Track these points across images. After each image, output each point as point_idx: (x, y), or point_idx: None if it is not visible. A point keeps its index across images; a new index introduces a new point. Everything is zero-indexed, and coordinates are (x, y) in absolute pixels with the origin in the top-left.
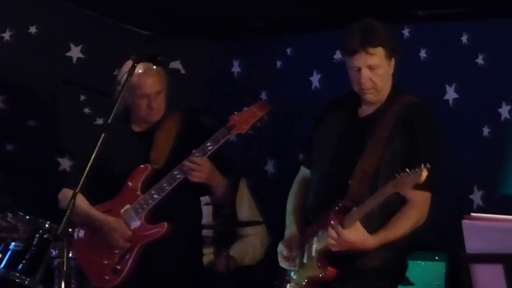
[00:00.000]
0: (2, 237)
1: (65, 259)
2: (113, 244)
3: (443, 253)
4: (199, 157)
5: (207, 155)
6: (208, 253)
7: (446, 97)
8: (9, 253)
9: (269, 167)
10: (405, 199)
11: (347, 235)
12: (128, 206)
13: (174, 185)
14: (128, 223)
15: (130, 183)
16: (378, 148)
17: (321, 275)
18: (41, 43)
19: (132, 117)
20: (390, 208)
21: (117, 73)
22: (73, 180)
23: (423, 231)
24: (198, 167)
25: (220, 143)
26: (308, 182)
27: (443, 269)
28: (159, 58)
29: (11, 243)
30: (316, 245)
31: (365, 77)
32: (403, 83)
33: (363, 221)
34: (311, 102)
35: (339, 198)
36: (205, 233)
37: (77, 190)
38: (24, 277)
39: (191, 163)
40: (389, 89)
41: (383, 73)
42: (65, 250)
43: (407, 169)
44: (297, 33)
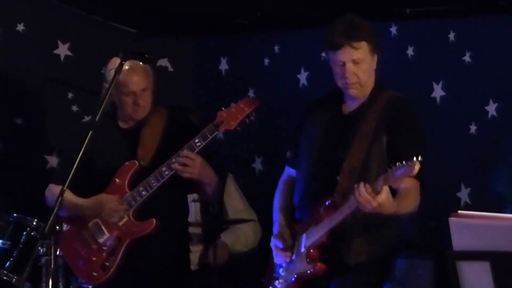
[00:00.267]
0: None
1: (53, 257)
2: (109, 217)
3: (430, 251)
4: (191, 152)
5: (195, 151)
6: (195, 251)
7: (433, 95)
8: None
9: (257, 165)
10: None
11: (380, 196)
12: None
13: (162, 181)
14: (116, 220)
15: (117, 180)
16: (364, 143)
17: (310, 271)
18: (28, 41)
19: (118, 114)
20: None
21: (104, 70)
22: (60, 177)
23: (410, 229)
24: (190, 161)
25: (208, 139)
26: (293, 181)
27: (430, 267)
28: (147, 55)
29: None
30: (305, 241)
31: (350, 72)
32: (391, 81)
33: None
34: (298, 99)
35: (327, 195)
36: (192, 230)
37: (65, 187)
38: (11, 275)
39: (183, 157)
40: (372, 84)
41: (367, 68)
42: (53, 247)
43: (400, 163)
44: (285, 31)
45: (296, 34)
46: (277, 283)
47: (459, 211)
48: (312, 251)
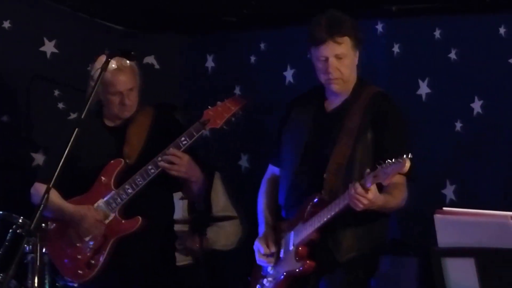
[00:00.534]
0: None
1: (38, 255)
2: (86, 233)
3: (415, 247)
4: (177, 150)
5: (181, 149)
6: (182, 248)
7: (419, 92)
8: None
9: (243, 162)
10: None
11: (370, 194)
12: (101, 200)
13: (147, 179)
14: (101, 218)
15: (103, 178)
16: (349, 140)
17: (300, 269)
18: (14, 38)
19: (104, 112)
20: None
21: (90, 68)
22: (46, 175)
23: (395, 226)
24: (177, 159)
25: (194, 137)
26: (277, 179)
27: (415, 263)
28: (133, 53)
29: None
30: (293, 239)
31: (333, 67)
32: (377, 78)
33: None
34: (285, 97)
35: (314, 192)
36: (179, 228)
37: (50, 185)
38: None
39: (169, 155)
40: (354, 80)
41: (349, 63)
42: (38, 245)
43: (389, 160)
44: (271, 28)
45: (282, 31)
46: (265, 281)
47: (444, 208)
48: (300, 249)
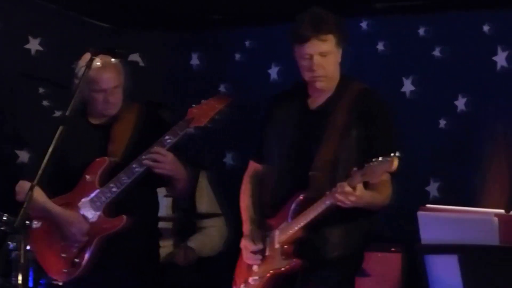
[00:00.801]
0: None
1: (23, 252)
2: (71, 238)
3: (399, 244)
4: (162, 148)
5: (166, 148)
6: (165, 246)
7: (403, 89)
8: None
9: (228, 160)
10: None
11: (357, 191)
12: (86, 199)
13: (132, 178)
14: (86, 216)
15: (87, 176)
16: (335, 138)
17: (286, 267)
18: None
19: (89, 110)
20: None
21: (75, 66)
22: (31, 172)
23: (380, 222)
24: (162, 157)
25: (178, 136)
26: (259, 177)
27: (399, 260)
28: (117, 51)
29: None
30: (279, 237)
31: (317, 64)
32: (361, 75)
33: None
34: (269, 94)
35: (299, 190)
36: (163, 225)
37: (35, 182)
38: None
39: (154, 153)
40: (338, 77)
41: (333, 60)
42: (23, 242)
43: (378, 158)
44: (256, 26)
45: (266, 29)
46: (251, 280)
47: (427, 205)
48: (286, 247)
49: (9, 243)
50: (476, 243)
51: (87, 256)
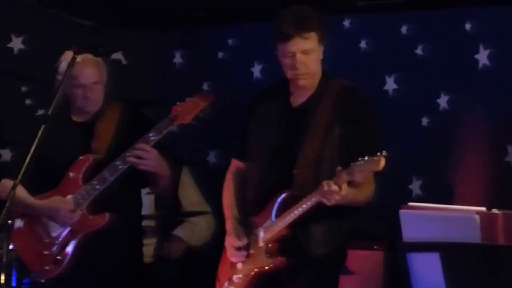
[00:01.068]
0: None
1: (5, 250)
2: (61, 223)
3: (381, 242)
4: (146, 144)
5: (150, 145)
6: (148, 244)
7: (385, 88)
8: None
9: (211, 158)
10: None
11: (343, 190)
12: (69, 196)
13: (116, 175)
14: (74, 208)
15: (71, 174)
16: (318, 135)
17: (270, 266)
18: None
19: (71, 108)
20: None
21: (57, 64)
22: (14, 171)
23: (362, 220)
24: (145, 154)
25: (162, 133)
26: (242, 174)
27: (381, 258)
28: (100, 49)
29: None
30: (263, 235)
31: (300, 62)
32: (343, 74)
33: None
34: (252, 92)
35: (283, 188)
36: (146, 223)
37: (17, 181)
38: None
39: (138, 149)
40: (320, 74)
41: (316, 58)
42: (5, 242)
43: (364, 157)
44: (239, 24)
45: (249, 27)
46: (234, 277)
47: (409, 203)
48: (271, 245)
49: None
50: (458, 240)
51: (69, 253)
